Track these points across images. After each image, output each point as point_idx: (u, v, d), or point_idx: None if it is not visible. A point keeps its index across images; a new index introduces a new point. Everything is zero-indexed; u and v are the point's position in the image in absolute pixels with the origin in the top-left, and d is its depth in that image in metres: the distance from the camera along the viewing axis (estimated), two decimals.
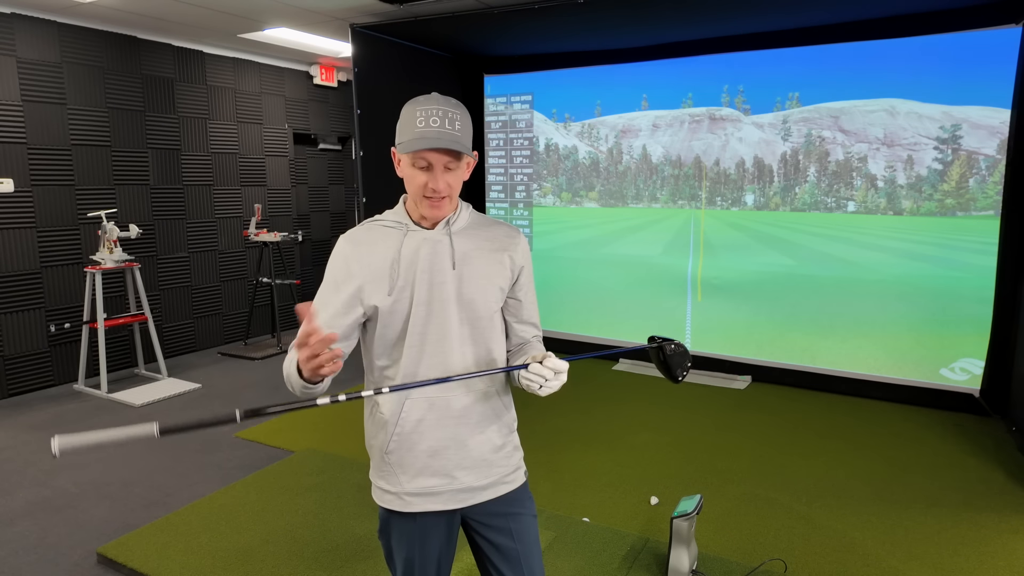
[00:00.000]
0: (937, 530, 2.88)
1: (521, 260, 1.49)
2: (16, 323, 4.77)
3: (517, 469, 1.52)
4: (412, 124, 1.32)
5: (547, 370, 1.30)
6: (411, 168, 1.36)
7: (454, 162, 1.34)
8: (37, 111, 4.77)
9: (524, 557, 1.48)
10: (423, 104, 1.33)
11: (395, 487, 1.44)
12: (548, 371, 1.30)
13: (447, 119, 1.31)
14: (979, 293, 4.20)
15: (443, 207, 1.38)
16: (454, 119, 1.32)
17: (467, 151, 1.35)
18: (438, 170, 1.33)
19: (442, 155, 1.32)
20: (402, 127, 1.35)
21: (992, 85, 4.00)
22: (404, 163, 1.38)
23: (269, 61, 6.45)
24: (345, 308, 1.40)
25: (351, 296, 1.39)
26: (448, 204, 1.39)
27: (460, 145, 1.32)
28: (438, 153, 1.32)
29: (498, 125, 5.90)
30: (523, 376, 1.32)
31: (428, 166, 1.33)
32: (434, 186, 1.34)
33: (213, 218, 6.07)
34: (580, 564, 2.62)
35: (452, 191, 1.37)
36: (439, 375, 1.39)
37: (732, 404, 4.51)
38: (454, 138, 1.31)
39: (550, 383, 1.31)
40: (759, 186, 4.86)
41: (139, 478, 3.47)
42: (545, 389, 1.32)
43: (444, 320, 1.39)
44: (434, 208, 1.37)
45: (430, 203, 1.36)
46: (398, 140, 1.37)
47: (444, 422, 1.41)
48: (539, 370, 1.30)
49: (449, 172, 1.35)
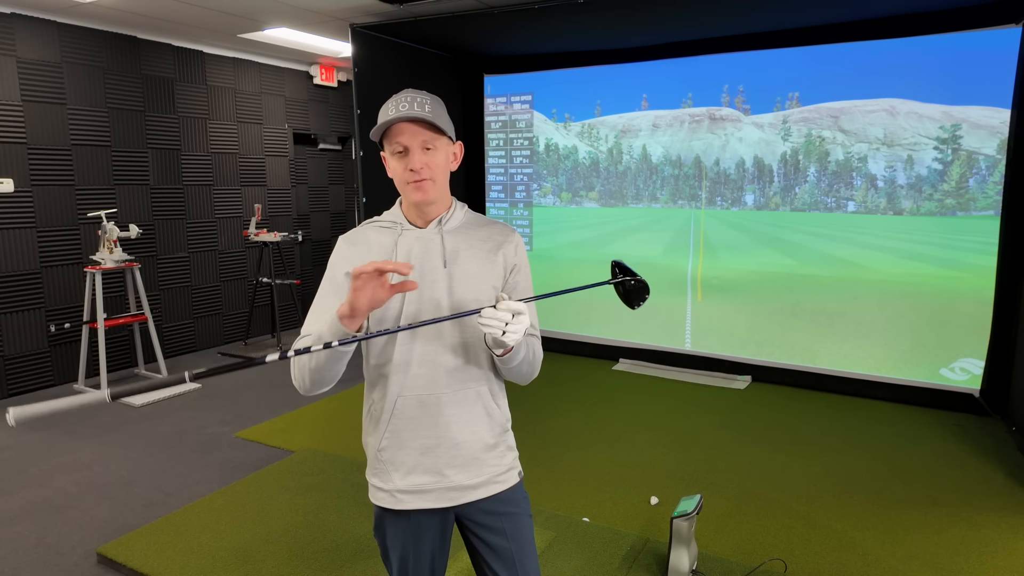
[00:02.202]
0: (937, 530, 2.88)
1: (514, 258, 1.49)
2: (16, 323, 4.77)
3: (510, 469, 1.52)
4: (384, 114, 1.37)
5: (503, 313, 1.24)
6: (392, 158, 1.39)
7: (431, 141, 1.37)
8: (37, 111, 4.77)
9: (519, 556, 1.48)
10: (393, 97, 1.38)
11: (388, 485, 1.46)
12: (504, 314, 1.24)
13: (415, 103, 1.35)
14: (979, 293, 4.20)
15: (427, 190, 1.38)
16: (423, 103, 1.36)
17: (442, 127, 1.37)
18: (415, 151, 1.36)
19: (416, 132, 1.35)
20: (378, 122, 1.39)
21: (992, 85, 4.00)
22: (387, 157, 1.42)
23: (269, 61, 6.45)
24: None
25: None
26: (432, 188, 1.39)
27: (430, 116, 1.34)
28: (411, 129, 1.35)
29: (498, 125, 5.90)
30: (481, 325, 1.26)
31: (405, 150, 1.37)
32: (411, 165, 1.36)
33: (213, 218, 6.06)
34: (580, 564, 2.62)
35: (433, 173, 1.38)
36: (430, 372, 1.41)
37: (732, 404, 4.51)
38: (423, 113, 1.34)
39: (511, 327, 1.25)
40: (759, 186, 4.86)
41: (139, 478, 3.47)
42: (509, 335, 1.26)
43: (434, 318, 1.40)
44: (419, 191, 1.38)
45: (414, 187, 1.38)
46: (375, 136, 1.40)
47: (436, 420, 1.42)
48: (493, 314, 1.24)
49: (428, 152, 1.37)
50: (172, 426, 4.20)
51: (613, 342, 5.51)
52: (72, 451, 3.82)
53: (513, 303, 1.26)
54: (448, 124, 1.40)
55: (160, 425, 4.22)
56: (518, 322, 1.26)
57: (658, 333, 5.35)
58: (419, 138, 1.36)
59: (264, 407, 4.54)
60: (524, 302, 1.31)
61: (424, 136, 1.36)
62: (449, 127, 1.40)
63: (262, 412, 4.44)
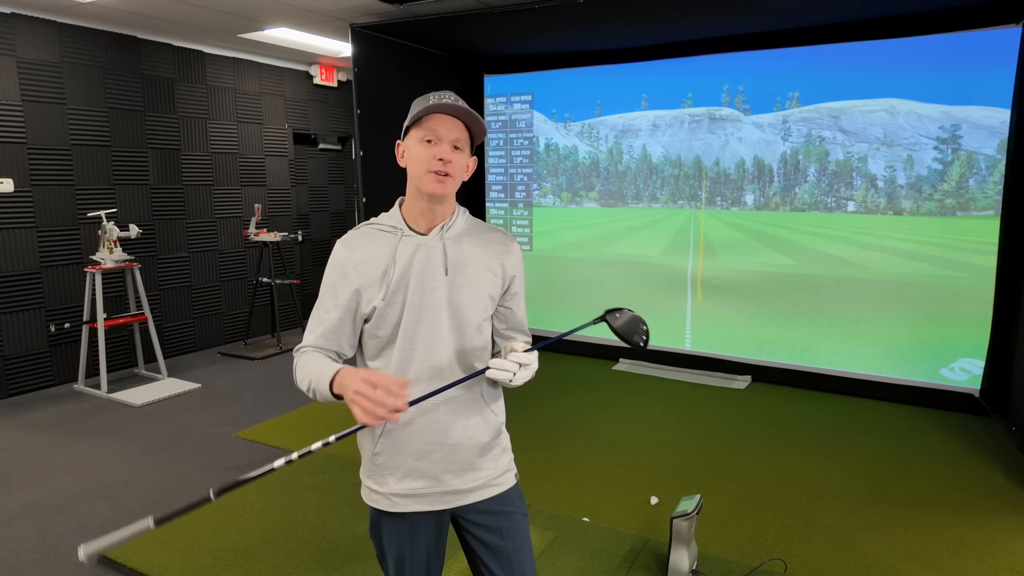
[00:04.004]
0: (937, 530, 2.88)
1: (513, 269, 1.49)
2: (16, 323, 4.77)
3: (506, 471, 1.52)
4: (424, 102, 1.37)
5: (511, 363, 1.31)
6: (419, 145, 1.37)
7: (461, 141, 1.38)
8: (37, 111, 4.77)
9: (515, 555, 1.48)
10: (435, 92, 1.39)
11: (383, 488, 1.46)
12: (512, 364, 1.31)
13: (459, 101, 1.37)
14: (979, 293, 4.20)
15: (447, 184, 1.38)
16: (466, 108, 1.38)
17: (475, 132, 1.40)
18: (445, 143, 1.36)
19: (452, 128, 1.36)
20: (413, 111, 1.39)
21: (992, 85, 4.00)
22: (412, 141, 1.39)
23: (269, 61, 6.45)
24: (347, 313, 1.42)
25: (350, 299, 1.41)
26: (451, 184, 1.39)
27: (471, 117, 1.36)
28: (450, 122, 1.36)
29: (498, 125, 5.90)
30: (490, 376, 1.33)
31: (437, 139, 1.36)
32: (441, 155, 1.35)
33: (213, 218, 6.06)
34: (580, 564, 2.62)
35: (455, 170, 1.38)
36: (429, 378, 1.40)
37: (732, 404, 4.51)
38: (466, 110, 1.36)
39: (520, 374, 1.33)
40: (759, 186, 4.86)
41: (139, 478, 3.47)
42: (517, 382, 1.34)
43: (434, 325, 1.40)
44: (439, 183, 1.37)
45: (435, 177, 1.36)
46: (409, 120, 1.40)
47: (431, 425, 1.42)
48: (501, 365, 1.31)
49: (455, 151, 1.37)
50: (172, 426, 4.20)
51: (613, 342, 5.49)
52: (72, 451, 3.82)
53: (520, 355, 1.32)
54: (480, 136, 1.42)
55: (160, 425, 4.22)
56: (526, 370, 1.34)
57: (658, 333, 5.35)
58: (453, 134, 1.36)
59: (264, 407, 4.54)
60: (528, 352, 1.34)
61: (458, 134, 1.37)
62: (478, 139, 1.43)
63: (262, 412, 4.44)
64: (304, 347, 1.43)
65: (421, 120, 1.36)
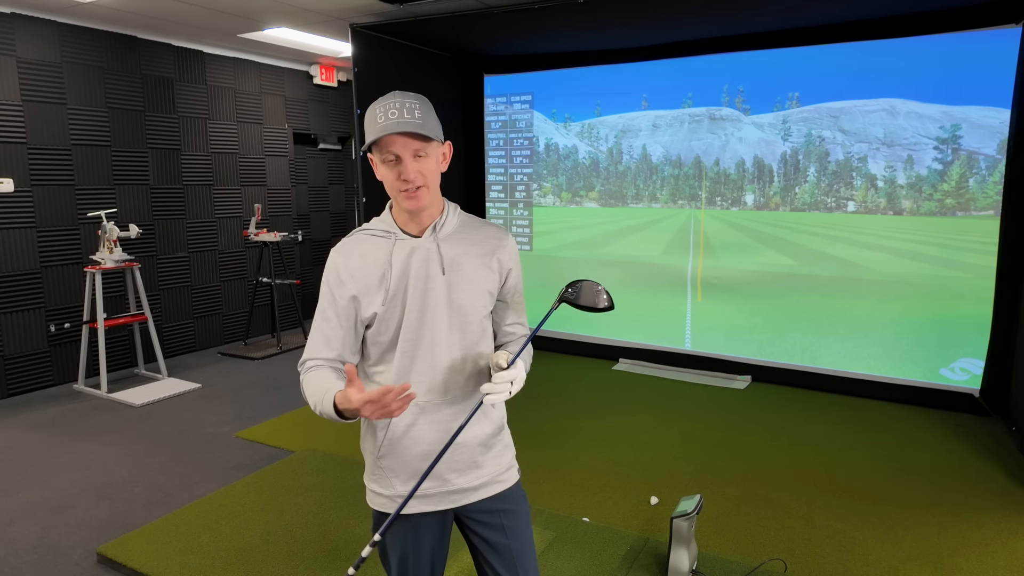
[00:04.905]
0: (937, 530, 2.88)
1: (508, 263, 1.49)
2: (16, 323, 4.77)
3: (509, 468, 1.53)
4: (373, 122, 1.34)
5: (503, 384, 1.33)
6: (383, 167, 1.37)
7: (422, 149, 1.35)
8: (37, 111, 4.77)
9: (518, 553, 1.48)
10: (380, 102, 1.35)
11: (388, 491, 1.46)
12: (504, 384, 1.33)
13: (404, 109, 1.33)
14: (979, 293, 4.20)
15: (421, 198, 1.37)
16: (412, 108, 1.33)
17: (432, 135, 1.35)
18: (407, 160, 1.34)
19: (407, 142, 1.33)
20: (366, 129, 1.36)
21: (992, 85, 4.00)
22: (376, 163, 1.39)
23: (269, 61, 6.45)
24: (347, 320, 1.42)
25: (348, 306, 1.41)
26: (426, 195, 1.38)
27: (421, 128, 1.32)
28: (403, 140, 1.33)
29: (498, 125, 5.90)
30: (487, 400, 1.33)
31: (396, 159, 1.34)
32: (405, 176, 1.34)
33: (213, 218, 6.06)
34: (580, 564, 2.62)
35: (427, 180, 1.37)
36: (430, 379, 1.41)
37: (732, 404, 4.51)
38: (414, 123, 1.32)
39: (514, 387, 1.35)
40: (759, 186, 4.86)
41: (139, 478, 3.47)
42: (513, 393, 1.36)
43: (435, 326, 1.40)
44: (412, 200, 1.36)
45: (406, 196, 1.36)
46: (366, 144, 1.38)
47: (434, 426, 1.42)
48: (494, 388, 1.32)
49: (419, 160, 1.35)
50: (172, 426, 4.20)
51: (613, 342, 5.50)
52: (72, 451, 3.82)
53: (507, 371, 1.33)
54: (437, 128, 1.38)
55: (160, 425, 4.22)
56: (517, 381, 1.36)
57: (658, 333, 5.35)
58: (411, 148, 1.34)
59: (264, 407, 4.54)
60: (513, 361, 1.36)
61: (415, 145, 1.34)
62: (438, 131, 1.38)
63: (262, 412, 4.44)
64: (308, 361, 1.43)
65: (377, 142, 1.35)
